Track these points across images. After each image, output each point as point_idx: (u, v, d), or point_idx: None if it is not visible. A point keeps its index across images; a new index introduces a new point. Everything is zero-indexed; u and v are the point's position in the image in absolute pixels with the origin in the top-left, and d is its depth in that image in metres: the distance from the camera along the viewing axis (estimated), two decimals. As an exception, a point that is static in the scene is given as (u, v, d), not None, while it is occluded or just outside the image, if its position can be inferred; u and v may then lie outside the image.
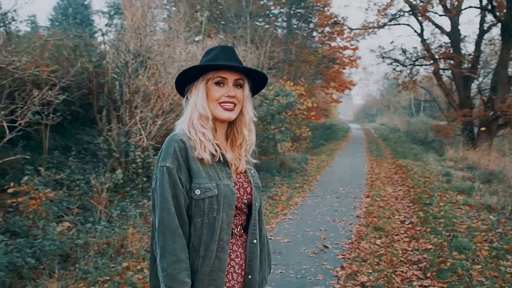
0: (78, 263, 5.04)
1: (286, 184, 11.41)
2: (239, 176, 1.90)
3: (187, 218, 1.75)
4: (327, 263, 5.57)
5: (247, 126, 1.91)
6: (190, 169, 1.74)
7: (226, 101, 1.81)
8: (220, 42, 16.39)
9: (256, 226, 1.91)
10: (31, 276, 4.57)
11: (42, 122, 7.27)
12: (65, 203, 7.17)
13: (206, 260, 1.74)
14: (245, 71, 1.87)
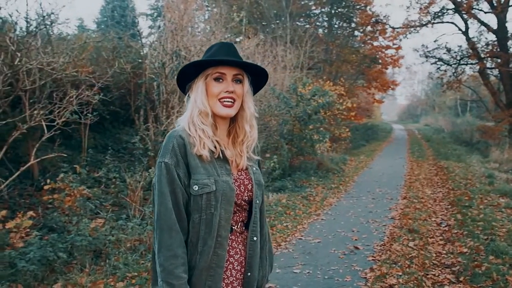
0: (109, 258, 5.16)
1: (322, 184, 11.32)
2: (240, 173, 1.89)
3: (185, 214, 1.76)
4: (356, 264, 5.49)
5: (248, 122, 1.90)
6: (189, 165, 1.75)
7: (225, 96, 1.80)
8: (259, 42, 16.44)
9: (257, 224, 1.90)
10: (62, 270, 4.72)
11: (81, 122, 7.46)
12: (101, 201, 7.38)
13: (204, 256, 1.74)
14: (244, 66, 1.86)
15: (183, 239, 1.74)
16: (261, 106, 11.93)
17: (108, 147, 10.01)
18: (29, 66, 6.13)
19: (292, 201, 8.92)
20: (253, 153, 1.95)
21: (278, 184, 10.24)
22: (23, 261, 4.47)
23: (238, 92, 1.83)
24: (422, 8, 21.25)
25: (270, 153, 10.71)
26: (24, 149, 7.61)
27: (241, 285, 1.87)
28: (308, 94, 12.65)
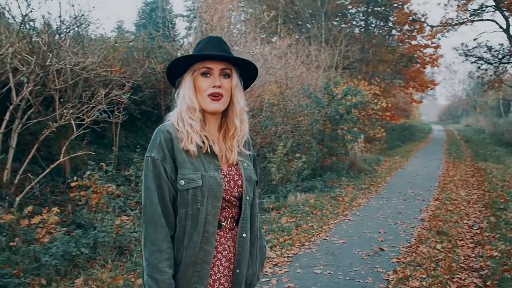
0: (132, 255, 5.24)
1: (352, 185, 11.18)
2: (231, 169, 1.87)
3: (171, 208, 1.76)
4: (379, 266, 5.40)
5: (238, 117, 1.88)
6: (176, 160, 1.75)
7: (213, 92, 1.78)
8: (291, 42, 16.40)
9: (247, 220, 1.88)
10: (85, 265, 4.82)
11: (111, 121, 7.60)
12: (131, 198, 7.51)
13: (190, 251, 1.74)
14: (231, 61, 1.84)
15: (169, 234, 1.73)
16: (291, 105, 11.90)
17: (140, 145, 10.20)
18: (59, 66, 6.28)
19: (320, 201, 8.84)
20: (244, 147, 1.93)
21: (307, 184, 10.17)
22: (47, 255, 4.59)
23: (226, 87, 1.81)
24: (460, 5, 20.75)
25: (300, 153, 10.65)
26: (57, 147, 7.80)
27: (229, 281, 1.85)
28: (340, 93, 12.52)
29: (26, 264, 4.59)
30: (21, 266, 4.56)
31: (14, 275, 4.37)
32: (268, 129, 10.67)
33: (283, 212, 8.00)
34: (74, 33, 7.96)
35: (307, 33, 21.73)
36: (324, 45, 20.31)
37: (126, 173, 8.32)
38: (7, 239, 4.98)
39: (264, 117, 10.88)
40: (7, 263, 4.55)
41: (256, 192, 1.96)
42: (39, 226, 5.07)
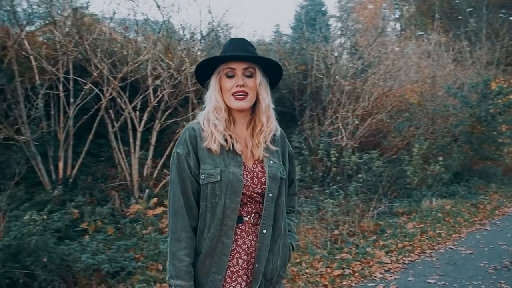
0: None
1: (501, 192, 10.20)
2: (256, 165, 1.93)
3: (194, 201, 1.87)
4: (504, 282, 4.90)
5: (265, 113, 1.92)
6: (198, 156, 1.86)
7: (237, 91, 1.85)
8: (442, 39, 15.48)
9: (269, 217, 1.91)
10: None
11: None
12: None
13: (208, 242, 1.84)
14: (254, 60, 1.89)
15: (191, 224, 1.85)
16: (433, 105, 11.24)
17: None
18: (192, 70, 6.80)
19: (457, 208, 8.25)
20: (272, 144, 1.96)
21: (447, 189, 9.55)
22: (166, 244, 5.04)
23: (250, 85, 1.87)
24: None
25: (441, 156, 10.02)
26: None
27: (248, 275, 1.90)
28: (492, 92, 11.50)
29: (148, 250, 5.09)
30: (144, 251, 5.08)
31: (135, 259, 4.89)
32: (406, 131, 10.23)
33: (413, 218, 7.64)
34: (212, 38, 8.49)
35: (465, 28, 20.27)
36: (483, 40, 18.77)
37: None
38: (141, 227, 5.59)
39: (403, 118, 10.46)
40: (132, 248, 5.11)
41: (283, 189, 1.98)
42: (164, 216, 5.58)
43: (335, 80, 9.86)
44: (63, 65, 6.54)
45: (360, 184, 7.72)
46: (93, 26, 6.92)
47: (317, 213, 6.84)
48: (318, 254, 5.55)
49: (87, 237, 5.34)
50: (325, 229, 6.41)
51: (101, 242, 5.00)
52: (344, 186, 7.96)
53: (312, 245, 5.91)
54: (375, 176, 8.43)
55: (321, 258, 5.45)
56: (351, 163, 8.55)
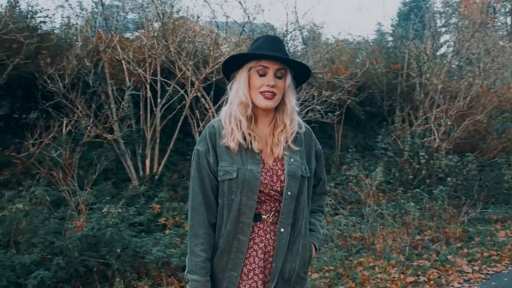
0: (319, 252, 5.42)
1: None
2: (276, 164, 1.90)
3: (214, 198, 1.88)
4: None
5: (289, 116, 1.91)
6: (217, 153, 1.88)
7: (267, 90, 1.84)
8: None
9: (288, 216, 1.87)
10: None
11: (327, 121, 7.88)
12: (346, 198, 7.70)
13: (225, 239, 1.85)
14: (287, 62, 1.88)
15: (209, 221, 1.87)
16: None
17: (368, 146, 10.29)
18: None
19: None
20: (295, 143, 1.93)
21: None
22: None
23: (280, 86, 1.86)
24: None
25: None
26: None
27: (264, 273, 1.88)
28: None
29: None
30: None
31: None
32: (507, 132, 9.50)
33: (508, 226, 7.08)
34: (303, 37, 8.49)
35: None
36: None
37: (347, 173, 8.48)
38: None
39: (503, 119, 9.74)
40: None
41: (305, 188, 1.94)
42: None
43: (428, 79, 9.42)
44: (150, 67, 6.90)
45: (448, 188, 7.31)
46: (179, 29, 7.18)
47: (399, 217, 6.58)
48: (393, 259, 5.34)
49: (167, 232, 5.60)
50: (406, 233, 6.16)
51: (175, 236, 5.20)
52: (432, 189, 7.57)
53: (390, 249, 5.70)
54: (467, 180, 7.93)
55: (396, 263, 5.23)
56: (443, 165, 8.13)
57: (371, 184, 7.34)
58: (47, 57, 6.50)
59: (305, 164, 1.95)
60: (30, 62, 6.34)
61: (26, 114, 7.45)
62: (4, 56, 6.14)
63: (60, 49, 6.91)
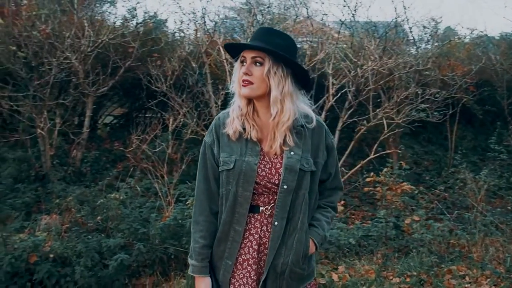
0: (410, 253, 5.19)
1: None
2: (276, 156, 1.91)
3: (216, 187, 1.95)
4: None
5: (274, 104, 1.87)
6: (220, 144, 1.94)
7: (242, 79, 1.87)
8: None
9: (283, 209, 1.87)
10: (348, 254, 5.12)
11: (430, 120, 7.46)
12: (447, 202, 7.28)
13: (221, 228, 1.92)
14: (252, 48, 1.87)
15: (211, 209, 1.95)
16: None
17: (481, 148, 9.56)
18: (368, 68, 6.66)
19: None
20: (297, 136, 1.92)
21: None
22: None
23: (256, 74, 1.85)
24: None
25: None
26: (385, 143, 8.12)
27: (257, 265, 1.90)
28: None
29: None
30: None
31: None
32: None
33: None
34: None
35: None
36: None
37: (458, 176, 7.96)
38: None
39: None
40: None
41: (306, 182, 1.92)
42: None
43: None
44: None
45: None
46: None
47: (508, 226, 6.03)
48: (489, 269, 4.92)
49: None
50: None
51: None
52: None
53: (488, 259, 5.26)
54: None
55: (491, 274, 4.81)
56: None
57: (480, 188, 6.81)
58: (156, 59, 7.02)
59: (307, 158, 1.93)
60: (140, 64, 6.90)
61: (139, 113, 8.11)
62: (118, 59, 6.76)
63: (169, 51, 7.40)
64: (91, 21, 6.26)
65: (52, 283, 4.02)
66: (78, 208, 5.02)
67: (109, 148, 7.31)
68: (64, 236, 4.55)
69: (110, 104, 8.85)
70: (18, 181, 6.02)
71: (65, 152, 6.81)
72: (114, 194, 5.08)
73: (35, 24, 5.95)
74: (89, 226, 4.82)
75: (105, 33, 6.19)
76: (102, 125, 8.36)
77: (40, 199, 5.76)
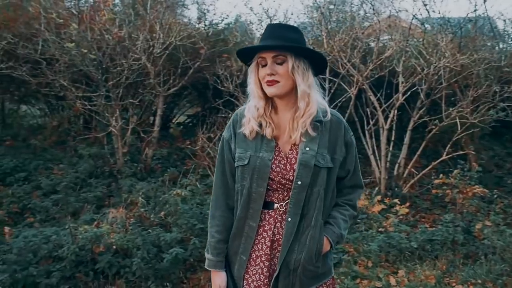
0: (478, 260, 4.91)
1: None
2: (291, 151, 1.90)
3: (233, 182, 1.97)
4: None
5: (302, 99, 1.87)
6: (236, 139, 1.96)
7: (267, 80, 1.86)
8: None
9: (297, 206, 1.85)
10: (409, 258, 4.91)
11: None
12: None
13: (236, 223, 1.95)
14: (276, 48, 1.86)
15: (225, 204, 1.99)
16: None
17: None
18: (440, 65, 6.35)
19: None
20: (314, 130, 1.90)
21: None
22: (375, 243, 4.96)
23: (281, 72, 1.86)
24: None
25: None
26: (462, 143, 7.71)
27: (270, 261, 1.90)
28: None
29: (364, 245, 5.10)
30: (360, 247, 5.11)
31: (348, 252, 4.98)
32: None
33: None
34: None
35: None
36: None
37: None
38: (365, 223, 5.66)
39: None
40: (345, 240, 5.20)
41: (322, 179, 1.90)
42: (386, 215, 5.48)
43: None
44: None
45: None
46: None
47: None
48: None
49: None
50: None
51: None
52: None
53: None
54: None
55: None
56: None
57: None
58: (226, 60, 7.15)
59: (323, 154, 1.91)
60: (209, 65, 7.07)
61: (210, 112, 8.29)
62: (188, 60, 6.97)
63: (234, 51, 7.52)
64: (161, 24, 6.48)
65: (112, 273, 4.24)
66: (142, 203, 5.22)
67: (180, 146, 7.55)
68: (128, 229, 4.76)
69: (183, 103, 9.15)
70: (93, 176, 6.40)
71: (138, 150, 7.13)
72: (176, 190, 5.25)
73: (109, 28, 6.27)
74: (151, 220, 5.02)
75: (173, 35, 6.38)
76: (175, 124, 8.65)
77: (112, 193, 6.10)
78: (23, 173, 6.46)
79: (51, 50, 6.09)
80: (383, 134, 6.86)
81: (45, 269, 4.14)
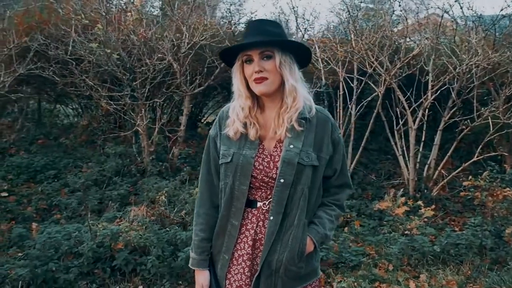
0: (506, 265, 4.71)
1: None
2: (276, 149, 1.85)
3: (218, 180, 1.94)
4: None
5: (290, 94, 1.83)
6: (221, 137, 1.93)
7: (255, 77, 1.81)
8: None
9: (279, 204, 1.80)
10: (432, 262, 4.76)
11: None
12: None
13: (219, 222, 1.91)
14: (269, 44, 1.81)
15: (210, 202, 1.97)
16: None
17: None
18: (472, 63, 6.13)
19: None
20: (300, 125, 1.85)
21: None
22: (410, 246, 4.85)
23: (268, 68, 1.81)
24: None
25: None
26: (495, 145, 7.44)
27: (252, 261, 1.86)
28: None
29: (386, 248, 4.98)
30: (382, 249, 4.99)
31: (369, 255, 4.87)
32: None
33: None
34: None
35: None
36: None
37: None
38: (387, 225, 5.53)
39: None
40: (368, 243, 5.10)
41: (306, 177, 1.84)
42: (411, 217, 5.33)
43: None
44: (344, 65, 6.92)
45: None
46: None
47: None
48: None
49: (346, 229, 5.57)
50: None
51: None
52: None
53: None
54: None
55: None
56: None
57: None
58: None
59: (308, 152, 1.85)
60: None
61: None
62: (214, 59, 6.97)
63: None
64: (188, 24, 6.51)
65: (129, 270, 4.28)
66: (163, 202, 5.26)
67: (208, 146, 7.60)
68: (148, 227, 4.80)
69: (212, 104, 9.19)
70: (120, 175, 6.50)
71: (165, 149, 7.19)
72: (196, 189, 5.26)
73: (136, 29, 6.35)
74: (171, 219, 5.05)
75: (197, 35, 6.40)
76: (204, 123, 8.69)
77: (138, 192, 6.17)
78: (53, 171, 6.62)
79: (79, 50, 6.21)
80: (412, 134, 6.68)
81: (65, 264, 4.22)
